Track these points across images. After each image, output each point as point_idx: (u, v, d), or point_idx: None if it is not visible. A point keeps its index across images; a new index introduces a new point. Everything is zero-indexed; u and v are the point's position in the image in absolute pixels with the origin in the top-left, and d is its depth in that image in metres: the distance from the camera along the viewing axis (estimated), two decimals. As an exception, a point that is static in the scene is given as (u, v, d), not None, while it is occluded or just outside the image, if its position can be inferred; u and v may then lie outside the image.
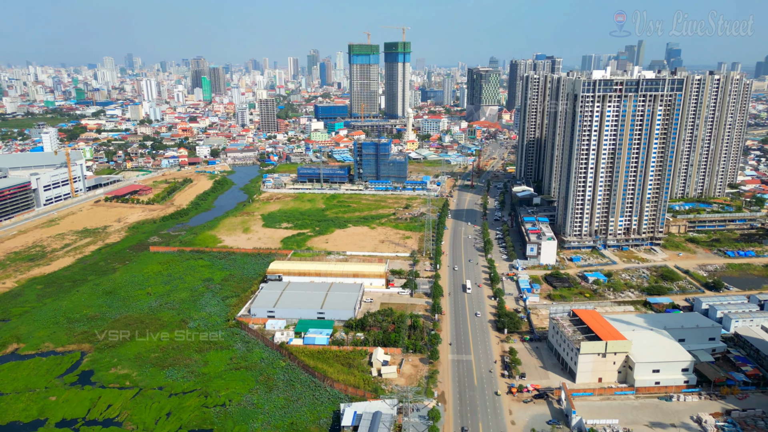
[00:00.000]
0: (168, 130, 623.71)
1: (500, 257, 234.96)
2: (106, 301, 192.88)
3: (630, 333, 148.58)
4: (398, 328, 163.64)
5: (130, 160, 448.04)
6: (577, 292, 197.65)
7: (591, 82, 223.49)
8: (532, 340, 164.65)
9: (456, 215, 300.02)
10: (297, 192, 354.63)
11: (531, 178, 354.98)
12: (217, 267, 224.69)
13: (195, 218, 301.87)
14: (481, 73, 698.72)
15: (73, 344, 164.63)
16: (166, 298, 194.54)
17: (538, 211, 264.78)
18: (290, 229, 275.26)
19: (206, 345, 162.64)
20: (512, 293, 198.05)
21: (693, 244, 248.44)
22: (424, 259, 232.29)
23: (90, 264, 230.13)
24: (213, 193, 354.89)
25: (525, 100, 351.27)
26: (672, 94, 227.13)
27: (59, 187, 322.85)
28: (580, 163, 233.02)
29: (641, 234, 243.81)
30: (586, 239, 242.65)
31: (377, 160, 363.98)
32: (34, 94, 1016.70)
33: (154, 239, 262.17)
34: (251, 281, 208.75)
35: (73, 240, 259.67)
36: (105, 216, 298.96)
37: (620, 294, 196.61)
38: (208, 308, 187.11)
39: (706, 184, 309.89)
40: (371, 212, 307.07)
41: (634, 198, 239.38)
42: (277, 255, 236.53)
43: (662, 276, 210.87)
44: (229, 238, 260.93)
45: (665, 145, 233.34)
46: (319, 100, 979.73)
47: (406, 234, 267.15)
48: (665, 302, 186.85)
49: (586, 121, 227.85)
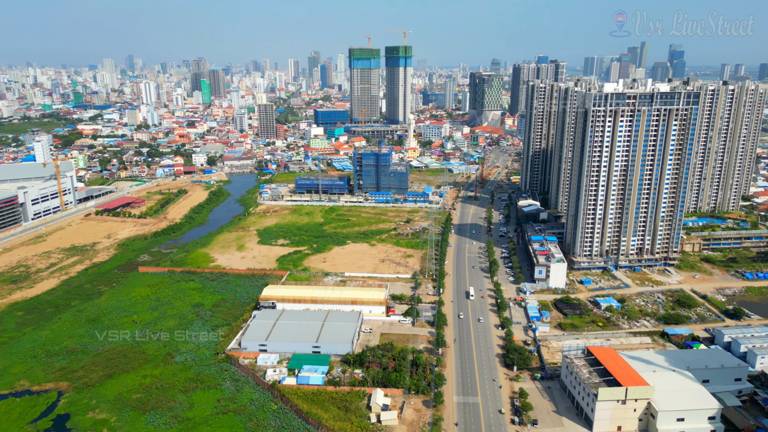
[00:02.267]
0: (165, 135, 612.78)
1: (507, 279, 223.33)
2: (88, 330, 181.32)
3: (651, 375, 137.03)
4: (399, 366, 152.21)
5: (125, 169, 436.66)
6: (589, 321, 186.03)
7: (602, 95, 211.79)
8: (544, 378, 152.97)
9: (459, 230, 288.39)
10: (295, 204, 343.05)
11: (537, 190, 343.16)
12: (208, 290, 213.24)
13: (188, 233, 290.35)
14: (483, 78, 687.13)
15: (50, 382, 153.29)
16: (152, 327, 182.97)
17: (545, 229, 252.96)
18: (287, 246, 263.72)
19: (193, 384, 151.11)
20: (520, 322, 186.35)
21: (708, 264, 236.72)
22: (426, 282, 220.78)
23: (75, 287, 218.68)
24: (208, 205, 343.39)
25: (530, 110, 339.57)
26: (687, 108, 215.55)
27: (48, 200, 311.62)
28: (590, 180, 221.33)
29: (654, 254, 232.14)
30: (597, 260, 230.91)
31: (378, 171, 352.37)
32: (32, 98, 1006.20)
33: (144, 258, 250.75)
34: (243, 307, 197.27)
35: (59, 259, 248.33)
36: (94, 231, 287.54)
37: (635, 323, 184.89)
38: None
39: (719, 197, 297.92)
40: (371, 227, 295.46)
41: (648, 217, 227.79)
42: (271, 276, 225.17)
43: (679, 302, 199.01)
44: (222, 257, 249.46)
45: (680, 161, 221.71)
46: (320, 103, 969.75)
47: (407, 252, 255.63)
48: (684, 333, 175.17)
49: (597, 136, 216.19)
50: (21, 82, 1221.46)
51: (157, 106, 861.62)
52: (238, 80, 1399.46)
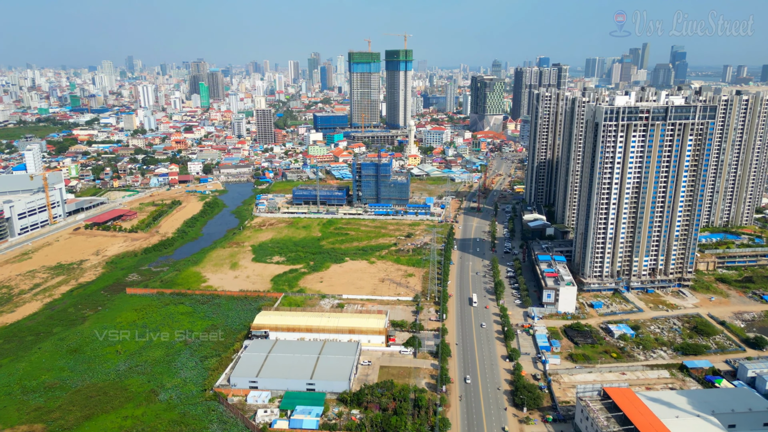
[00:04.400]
0: (161, 141, 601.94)
1: (513, 302, 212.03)
2: (68, 363, 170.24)
3: (673, 421, 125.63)
4: (400, 407, 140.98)
5: (118, 179, 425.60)
6: (602, 351, 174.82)
7: (614, 109, 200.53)
8: (556, 420, 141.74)
9: (462, 246, 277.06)
10: (291, 217, 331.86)
11: (542, 202, 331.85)
12: (198, 315, 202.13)
13: (180, 249, 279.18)
14: (485, 82, 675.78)
15: (24, 424, 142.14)
16: (137, 359, 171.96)
17: (552, 246, 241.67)
18: (282, 264, 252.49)
19: (177, 426, 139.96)
20: (529, 352, 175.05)
21: (724, 285, 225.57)
22: (428, 305, 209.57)
23: (58, 311, 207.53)
24: (202, 217, 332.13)
25: (535, 119, 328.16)
26: (704, 122, 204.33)
27: (36, 214, 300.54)
28: (601, 197, 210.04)
29: (668, 275, 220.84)
30: (608, 281, 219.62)
31: (377, 182, 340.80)
32: (29, 101, 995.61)
33: (133, 277, 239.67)
34: (235, 335, 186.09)
35: (44, 279, 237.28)
36: (83, 247, 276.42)
37: (651, 353, 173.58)
38: (184, 372, 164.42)
39: (732, 211, 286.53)
40: (370, 242, 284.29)
41: (661, 235, 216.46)
42: (265, 299, 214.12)
43: (696, 329, 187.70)
44: (214, 276, 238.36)
45: (696, 178, 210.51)
46: (319, 106, 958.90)
47: (408, 270, 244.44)
48: (704, 366, 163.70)
49: (608, 152, 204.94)
50: (19, 84, 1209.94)
51: (154, 110, 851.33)
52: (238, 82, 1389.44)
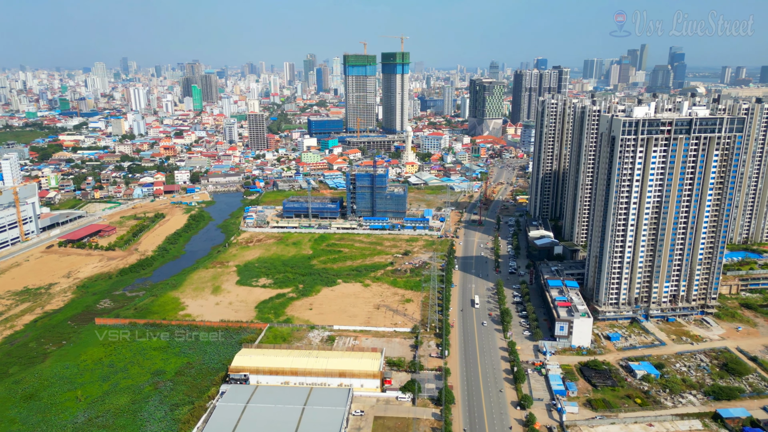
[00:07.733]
0: (150, 147, 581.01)
1: (522, 333, 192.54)
2: (21, 412, 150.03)
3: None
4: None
5: (100, 189, 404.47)
6: (623, 395, 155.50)
7: (633, 122, 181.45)
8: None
9: (464, 266, 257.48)
10: (281, 232, 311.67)
11: (547, 215, 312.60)
12: (173, 350, 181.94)
13: (160, 270, 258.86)
14: (484, 85, 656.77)
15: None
16: (99, 407, 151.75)
17: (563, 269, 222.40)
18: (269, 288, 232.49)
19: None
20: (542, 397, 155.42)
21: (750, 312, 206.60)
22: (428, 337, 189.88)
23: (18, 346, 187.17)
24: (186, 232, 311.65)
25: (540, 128, 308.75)
26: (731, 135, 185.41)
27: (6, 230, 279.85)
28: (618, 218, 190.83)
29: (690, 302, 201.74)
30: (625, 309, 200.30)
31: (373, 194, 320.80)
32: (18, 104, 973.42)
33: (105, 304, 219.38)
34: (212, 376, 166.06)
35: (7, 306, 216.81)
36: (54, 268, 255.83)
37: (680, 399, 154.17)
38: (150, 425, 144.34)
39: (752, 227, 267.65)
40: (365, 260, 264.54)
41: (683, 259, 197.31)
42: (248, 330, 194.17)
43: (726, 367, 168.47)
44: (194, 303, 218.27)
45: (721, 197, 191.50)
46: (315, 109, 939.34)
47: (405, 295, 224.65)
48: (742, 416, 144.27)
49: (626, 169, 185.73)
50: (9, 87, 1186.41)
51: (145, 113, 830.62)
52: (233, 84, 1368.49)
